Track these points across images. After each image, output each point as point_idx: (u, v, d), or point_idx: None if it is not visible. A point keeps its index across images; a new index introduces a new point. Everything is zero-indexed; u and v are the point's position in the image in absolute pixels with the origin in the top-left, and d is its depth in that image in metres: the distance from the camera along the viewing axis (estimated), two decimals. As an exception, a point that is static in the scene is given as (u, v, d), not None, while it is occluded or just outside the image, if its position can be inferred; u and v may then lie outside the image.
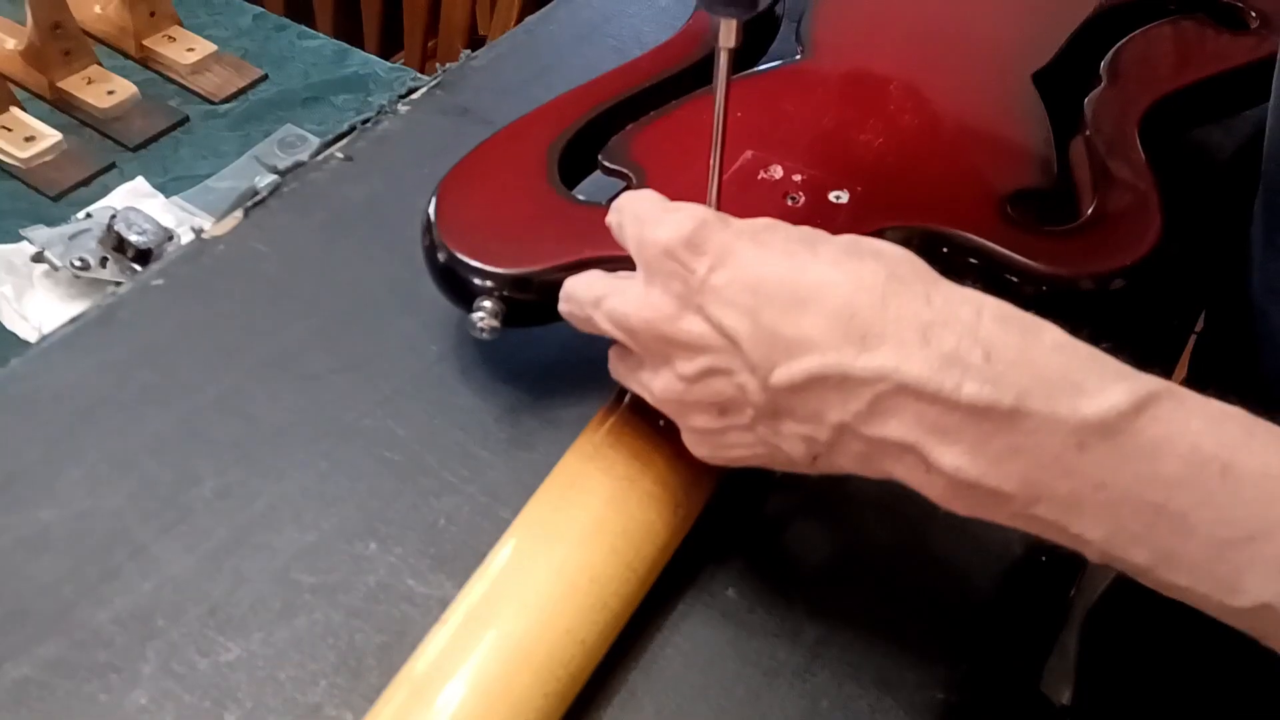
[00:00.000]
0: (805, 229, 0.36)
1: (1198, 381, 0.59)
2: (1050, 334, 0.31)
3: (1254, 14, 0.55)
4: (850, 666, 0.38)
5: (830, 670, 0.38)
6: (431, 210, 0.45)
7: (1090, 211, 0.45)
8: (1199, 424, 0.29)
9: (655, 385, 0.36)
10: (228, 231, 0.52)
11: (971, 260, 0.44)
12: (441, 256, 0.44)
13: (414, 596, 0.39)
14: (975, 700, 0.38)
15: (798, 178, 0.46)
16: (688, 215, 0.34)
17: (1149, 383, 0.30)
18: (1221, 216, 0.57)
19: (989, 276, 0.44)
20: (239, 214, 0.53)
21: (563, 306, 0.40)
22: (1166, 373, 0.55)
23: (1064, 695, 0.44)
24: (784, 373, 0.32)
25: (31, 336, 0.77)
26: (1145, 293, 0.44)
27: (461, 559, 0.40)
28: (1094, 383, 0.30)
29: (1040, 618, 0.43)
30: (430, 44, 1.33)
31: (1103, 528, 0.30)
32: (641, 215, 0.36)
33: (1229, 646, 0.34)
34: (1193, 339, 0.60)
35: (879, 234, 0.44)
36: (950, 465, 0.31)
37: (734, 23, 0.37)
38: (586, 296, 0.38)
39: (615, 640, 0.37)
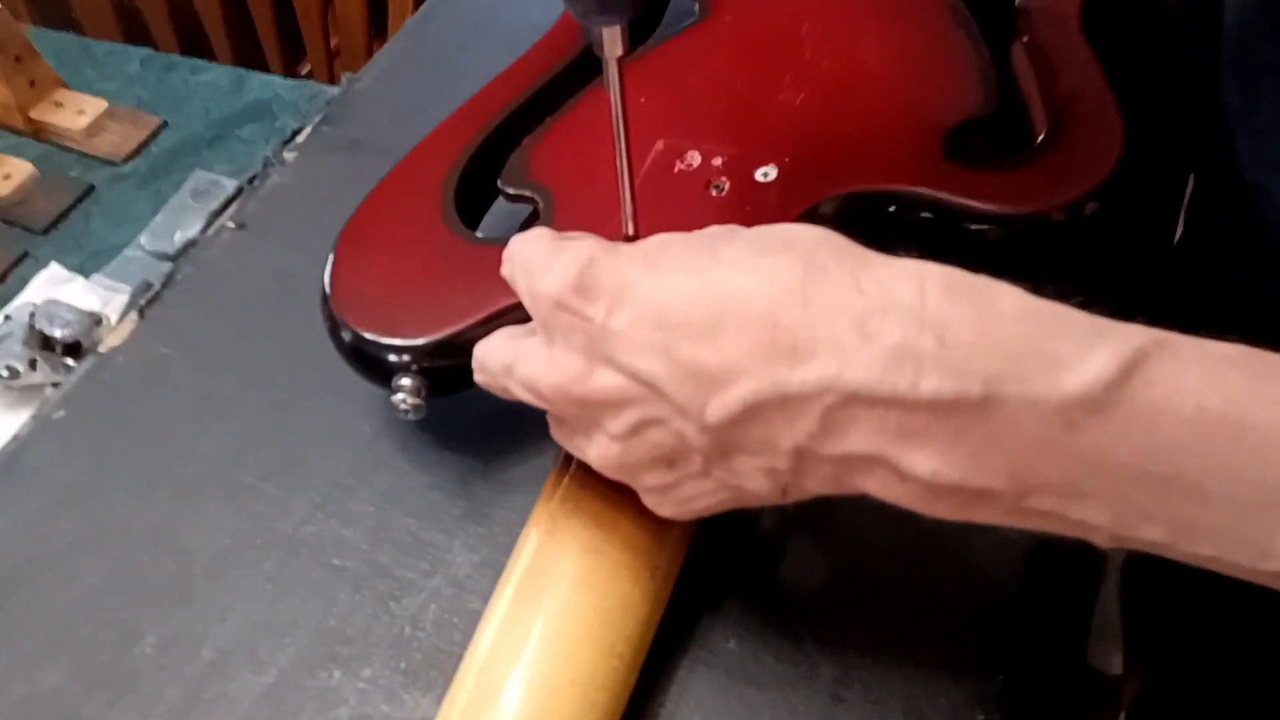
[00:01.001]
0: (710, 231, 0.31)
1: (1193, 247, 0.54)
2: (1009, 299, 0.27)
3: None
4: (877, 704, 0.35)
5: (856, 712, 0.35)
6: (326, 280, 0.41)
7: (1045, 132, 0.41)
8: (1198, 378, 0.25)
9: (591, 452, 0.32)
10: (126, 339, 0.48)
11: (925, 215, 0.39)
12: (345, 336, 0.39)
13: (392, 722, 0.36)
14: (1018, 712, 0.35)
15: (718, 161, 0.41)
16: (572, 257, 0.30)
17: (1134, 337, 0.25)
18: (1187, 83, 0.52)
19: (948, 229, 0.39)
20: (134, 317, 0.49)
21: (477, 376, 0.36)
22: (1164, 244, 0.50)
23: (1115, 664, 0.40)
24: (718, 408, 0.28)
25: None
26: (1125, 199, 0.40)
27: (436, 667, 0.37)
28: (1071, 350, 0.25)
29: (1072, 584, 0.39)
30: (334, 43, 1.26)
31: (1108, 510, 0.26)
32: (529, 265, 0.32)
33: None
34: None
35: (815, 208, 0.40)
36: (925, 471, 0.27)
37: (617, 29, 0.32)
38: (496, 366, 0.34)
39: (615, 731, 0.34)
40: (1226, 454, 0.24)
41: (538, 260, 0.31)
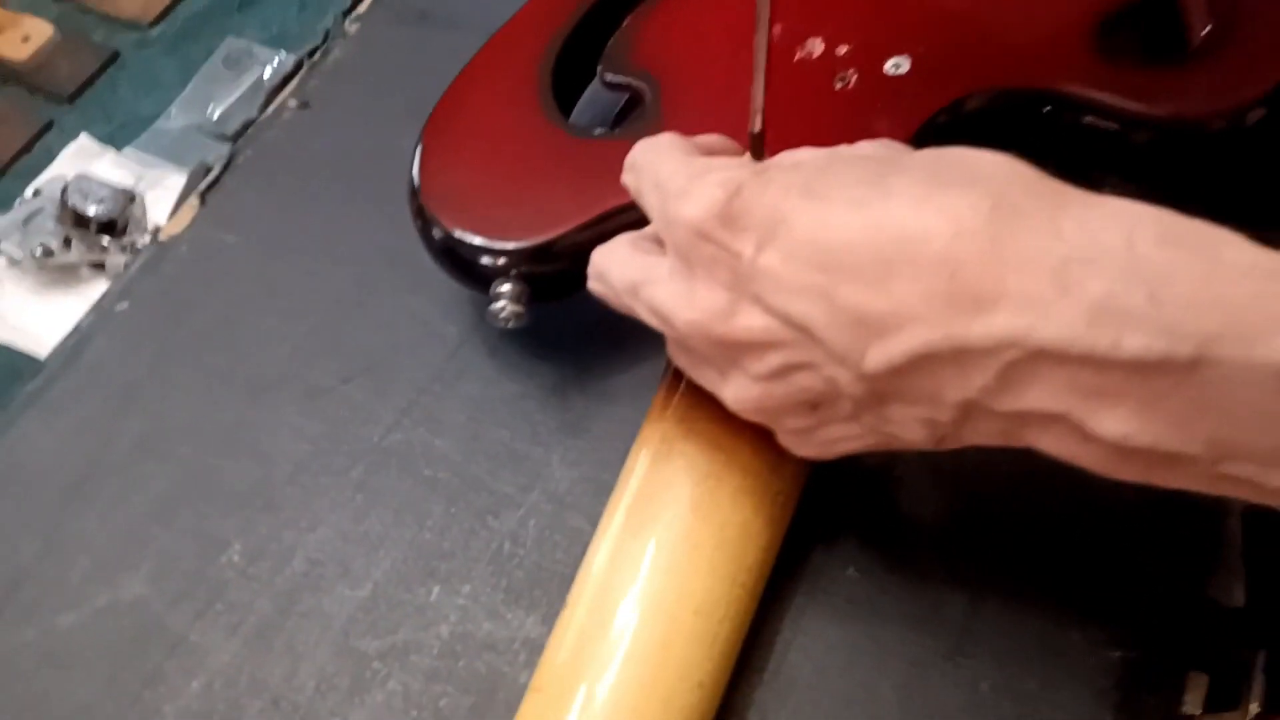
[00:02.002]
0: (870, 153, 0.28)
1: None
2: (1234, 250, 0.24)
3: None
4: (1007, 639, 0.33)
5: (985, 647, 0.33)
6: (415, 172, 0.38)
7: (1208, 27, 0.37)
8: None
9: (726, 391, 0.30)
10: (186, 226, 0.45)
11: (1085, 118, 0.36)
12: (436, 234, 0.37)
13: (495, 642, 0.34)
14: (1154, 653, 0.33)
15: (843, 50, 0.38)
16: (717, 182, 0.27)
17: None
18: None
19: (1101, 134, 0.36)
20: (194, 202, 0.45)
21: (593, 285, 0.33)
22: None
23: (1236, 595, 0.39)
24: (880, 356, 0.26)
25: (14, 339, 0.71)
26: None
27: (540, 585, 0.35)
28: None
29: (1195, 518, 0.37)
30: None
31: None
32: (662, 183, 0.29)
33: None
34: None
35: (958, 104, 0.36)
36: (1115, 433, 0.24)
37: None
38: (620, 283, 0.31)
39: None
40: None
41: (675, 180, 0.28)
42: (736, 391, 0.29)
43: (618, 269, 0.31)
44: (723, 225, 0.27)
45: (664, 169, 0.29)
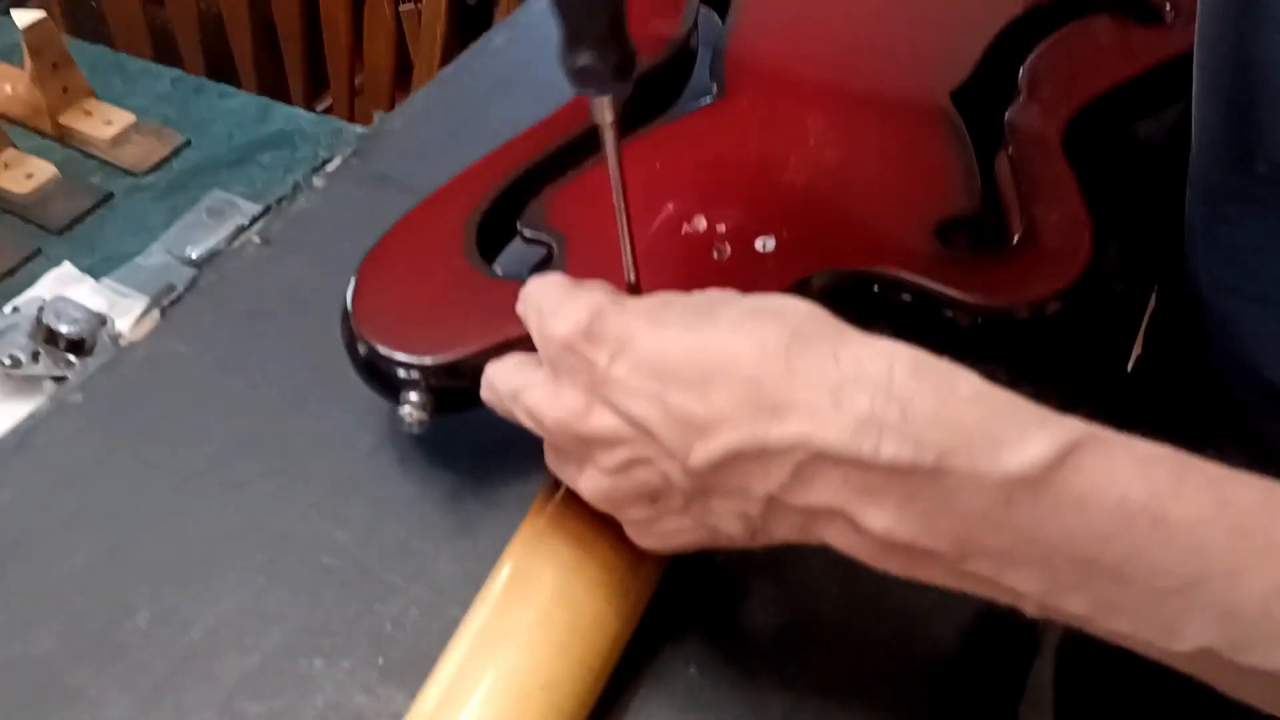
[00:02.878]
0: (709, 294, 0.35)
1: (1151, 369, 0.58)
2: (966, 383, 0.30)
3: (1169, 6, 0.55)
4: (821, 737, 0.37)
5: (800, 744, 0.37)
6: (349, 299, 0.44)
7: (1019, 235, 0.45)
8: (1126, 472, 0.28)
9: (582, 483, 0.35)
10: (145, 335, 0.50)
11: (904, 297, 0.43)
12: (361, 349, 0.42)
13: (365, 714, 0.38)
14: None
15: (722, 228, 0.45)
16: (583, 304, 0.33)
17: (1071, 429, 0.29)
18: (1159, 207, 0.57)
19: (922, 312, 0.43)
20: (156, 315, 0.51)
21: (484, 394, 0.39)
22: (1119, 365, 0.54)
23: (1043, 726, 0.43)
24: (701, 454, 0.31)
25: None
26: (1088, 305, 0.43)
27: (412, 666, 0.39)
28: (1014, 433, 0.29)
29: (1010, 654, 0.42)
30: (357, 80, 1.31)
31: (1037, 581, 0.29)
32: (541, 307, 0.35)
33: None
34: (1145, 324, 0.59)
35: (807, 280, 0.43)
36: (879, 527, 0.30)
37: (604, 100, 0.36)
38: (505, 389, 0.37)
39: (576, 740, 0.36)
40: (1144, 542, 0.28)
41: (551, 303, 0.35)
42: (590, 483, 0.35)
43: (503, 378, 0.37)
44: (584, 340, 0.33)
45: (543, 295, 0.35)
